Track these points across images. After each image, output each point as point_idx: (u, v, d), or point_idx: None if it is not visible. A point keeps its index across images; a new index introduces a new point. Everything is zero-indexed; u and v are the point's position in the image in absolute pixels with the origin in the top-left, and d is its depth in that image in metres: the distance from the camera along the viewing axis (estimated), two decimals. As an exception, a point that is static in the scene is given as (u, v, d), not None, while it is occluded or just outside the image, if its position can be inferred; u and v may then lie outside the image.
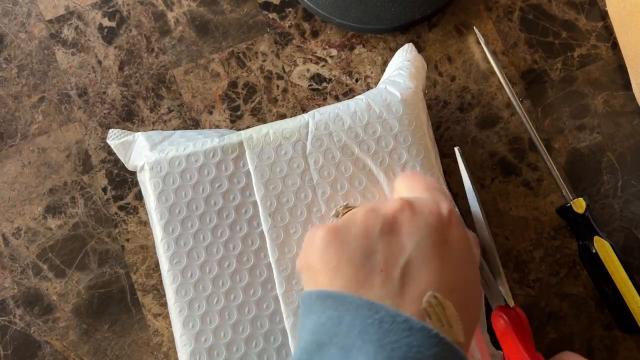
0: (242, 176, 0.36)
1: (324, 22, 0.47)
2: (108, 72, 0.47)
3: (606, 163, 0.44)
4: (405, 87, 0.37)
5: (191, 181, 0.35)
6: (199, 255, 0.35)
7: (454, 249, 0.27)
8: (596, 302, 0.43)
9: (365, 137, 0.36)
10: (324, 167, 0.36)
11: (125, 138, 0.38)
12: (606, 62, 0.46)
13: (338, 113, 0.36)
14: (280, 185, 0.35)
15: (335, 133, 0.36)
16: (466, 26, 0.46)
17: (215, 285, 0.35)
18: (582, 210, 0.42)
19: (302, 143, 0.36)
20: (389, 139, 0.36)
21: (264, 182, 0.35)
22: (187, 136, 0.38)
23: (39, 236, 0.45)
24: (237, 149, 0.36)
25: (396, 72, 0.38)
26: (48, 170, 0.46)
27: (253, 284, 0.35)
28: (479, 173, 0.45)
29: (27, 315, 0.44)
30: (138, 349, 0.44)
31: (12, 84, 0.47)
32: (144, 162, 0.36)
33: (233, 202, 0.35)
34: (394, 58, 0.41)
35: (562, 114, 0.45)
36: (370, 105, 0.36)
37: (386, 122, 0.36)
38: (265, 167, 0.36)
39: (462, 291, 0.26)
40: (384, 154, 0.35)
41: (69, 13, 0.48)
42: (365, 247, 0.27)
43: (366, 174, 0.36)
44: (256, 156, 0.36)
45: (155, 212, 0.35)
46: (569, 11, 0.46)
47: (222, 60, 0.47)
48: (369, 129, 0.36)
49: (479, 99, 0.45)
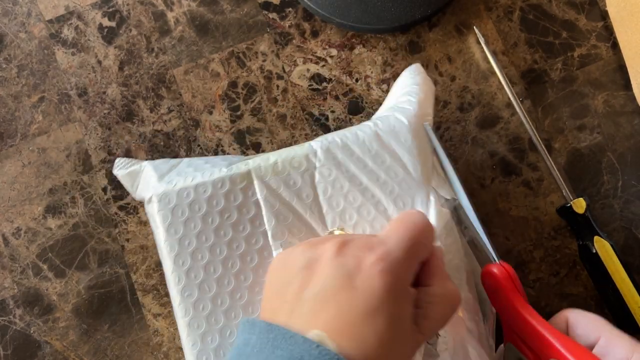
0: (251, 206, 0.35)
1: (324, 22, 0.47)
2: (108, 72, 0.47)
3: (606, 163, 0.44)
4: (413, 115, 0.36)
5: (200, 212, 0.35)
6: (210, 288, 0.34)
7: (359, 296, 0.27)
8: (596, 302, 0.43)
9: (374, 167, 0.35)
10: (332, 197, 0.35)
11: (132, 168, 0.37)
12: (606, 62, 0.46)
13: (346, 142, 0.35)
14: (290, 216, 0.35)
15: (343, 162, 0.35)
16: (466, 26, 0.46)
17: (228, 318, 0.34)
18: (582, 210, 0.42)
19: (311, 172, 0.35)
20: (398, 168, 0.35)
21: (274, 212, 0.35)
22: (194, 165, 0.37)
23: (39, 236, 0.45)
24: (245, 179, 0.35)
25: (404, 97, 0.38)
26: (48, 170, 0.46)
27: None
28: (479, 173, 0.45)
29: (27, 315, 0.44)
30: (138, 349, 0.44)
31: (12, 83, 0.47)
32: (152, 194, 0.35)
33: (243, 232, 0.35)
34: (401, 78, 0.40)
35: (562, 114, 0.45)
36: (379, 135, 0.35)
37: (394, 152, 0.35)
38: (275, 197, 0.35)
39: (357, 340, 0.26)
40: (393, 184, 0.35)
41: (69, 13, 0.48)
42: (285, 278, 0.29)
43: (375, 204, 0.35)
44: (265, 186, 0.35)
45: (165, 245, 0.35)
46: (569, 11, 0.46)
47: (222, 60, 0.47)
48: (377, 158, 0.35)
49: (479, 99, 0.45)
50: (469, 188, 0.44)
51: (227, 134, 0.46)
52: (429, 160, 0.36)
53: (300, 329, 0.26)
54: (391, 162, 0.35)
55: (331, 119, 0.46)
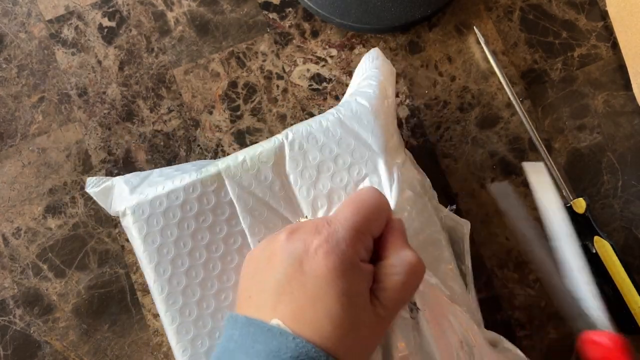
0: (225, 207, 0.35)
1: (324, 22, 0.47)
2: (108, 72, 0.47)
3: (606, 163, 0.44)
4: (374, 97, 0.36)
5: (175, 219, 0.35)
6: (194, 293, 0.34)
7: (308, 281, 0.28)
8: (596, 302, 0.43)
9: (339, 152, 0.35)
10: (303, 187, 0.35)
11: (105, 184, 0.37)
12: (606, 62, 0.46)
13: (310, 131, 0.36)
14: (265, 211, 0.35)
15: (310, 152, 0.35)
16: (466, 26, 0.46)
17: (215, 320, 0.34)
18: (582, 210, 0.42)
19: (280, 165, 0.35)
20: (363, 150, 0.35)
21: (249, 210, 0.35)
22: (165, 174, 0.37)
23: (39, 236, 0.45)
24: (216, 181, 0.35)
25: (365, 81, 0.38)
26: (48, 170, 0.46)
27: None
28: (479, 173, 0.45)
29: (27, 315, 0.44)
30: (138, 349, 0.44)
31: (12, 84, 0.47)
32: (125, 207, 0.35)
33: (220, 234, 0.35)
34: (361, 64, 0.40)
35: (562, 114, 0.45)
36: (342, 120, 0.36)
37: (359, 135, 0.35)
38: (247, 194, 0.35)
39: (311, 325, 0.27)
40: (360, 166, 0.35)
41: (69, 13, 0.48)
42: (252, 272, 0.31)
43: (344, 187, 0.35)
44: (236, 185, 0.35)
45: (144, 255, 0.35)
46: (569, 11, 0.46)
47: (222, 60, 0.47)
48: (342, 143, 0.35)
49: (479, 99, 0.45)
50: (469, 188, 0.44)
51: (227, 134, 0.46)
52: (392, 138, 0.36)
53: (266, 320, 0.27)
54: (356, 145, 0.35)
55: (331, 119, 0.46)
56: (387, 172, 0.35)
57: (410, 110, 0.45)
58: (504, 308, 0.43)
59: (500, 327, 0.43)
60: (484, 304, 0.43)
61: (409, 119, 0.45)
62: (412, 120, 0.45)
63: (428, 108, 0.45)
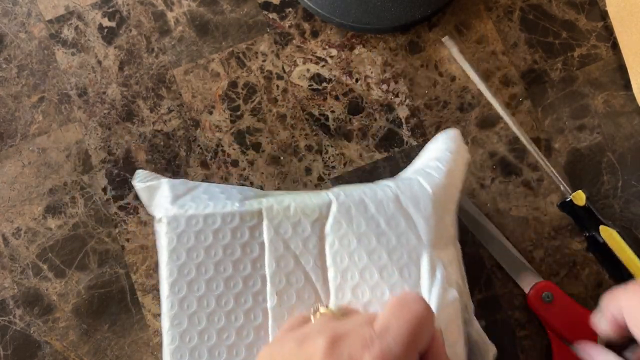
0: (255, 246, 0.34)
1: (324, 22, 0.47)
2: (108, 72, 0.47)
3: (606, 163, 0.44)
4: (439, 184, 0.34)
5: (205, 243, 0.34)
6: (200, 321, 0.34)
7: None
8: (596, 302, 0.43)
9: (386, 229, 0.33)
10: (338, 252, 0.34)
11: (151, 183, 0.37)
12: (606, 62, 0.46)
13: (363, 198, 0.34)
14: (292, 263, 0.34)
15: (356, 218, 0.34)
16: (466, 26, 0.46)
17: (212, 356, 0.33)
18: (582, 202, 0.42)
19: (321, 223, 0.34)
20: (411, 236, 0.33)
21: (277, 258, 0.34)
22: (210, 192, 0.36)
23: (39, 236, 0.45)
24: (255, 217, 0.34)
25: (434, 162, 0.36)
26: (48, 170, 0.46)
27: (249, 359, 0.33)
28: (479, 173, 0.45)
29: (27, 315, 0.44)
30: (138, 349, 0.44)
31: (12, 84, 0.47)
32: (163, 215, 0.35)
33: (242, 272, 0.34)
34: (436, 140, 0.38)
35: (562, 114, 0.45)
36: (398, 196, 0.34)
37: (411, 218, 0.33)
38: (280, 241, 0.34)
39: None
40: (402, 251, 0.33)
41: (69, 13, 0.48)
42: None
43: (380, 268, 0.33)
44: (273, 228, 0.34)
45: (166, 269, 0.34)
46: (569, 11, 0.46)
47: (222, 60, 0.47)
48: (392, 221, 0.33)
49: (478, 99, 0.45)
50: (469, 188, 0.44)
51: (227, 134, 0.46)
52: (446, 232, 0.34)
53: None
54: (405, 228, 0.33)
55: (331, 119, 0.46)
56: (429, 269, 0.33)
57: (410, 110, 0.45)
58: (504, 308, 0.43)
59: (500, 327, 0.43)
60: (484, 304, 0.43)
61: (409, 119, 0.45)
62: (412, 120, 0.45)
63: (428, 108, 0.45)
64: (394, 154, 0.45)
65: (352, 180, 0.45)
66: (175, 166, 0.45)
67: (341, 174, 0.45)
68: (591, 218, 0.42)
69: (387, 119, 0.45)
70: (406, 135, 0.45)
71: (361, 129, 0.45)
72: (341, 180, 0.45)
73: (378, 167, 0.45)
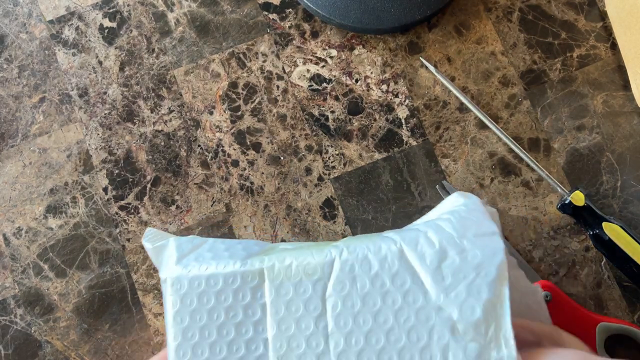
0: (257, 308, 0.34)
1: (323, 22, 0.47)
2: (109, 73, 0.47)
3: (605, 163, 0.45)
4: (447, 238, 0.32)
5: (208, 305, 0.34)
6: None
7: None
8: (596, 302, 0.43)
9: (391, 288, 0.32)
10: (341, 315, 0.32)
11: (159, 244, 0.37)
12: (605, 63, 0.46)
13: (367, 255, 0.33)
14: (293, 327, 0.33)
15: (359, 278, 0.32)
16: (466, 27, 0.46)
17: None
18: (581, 202, 0.42)
19: (323, 283, 0.33)
20: (418, 294, 0.31)
21: (278, 320, 0.33)
22: (214, 250, 0.36)
23: (40, 236, 0.45)
24: (257, 277, 0.34)
25: (446, 215, 0.34)
26: (49, 170, 0.46)
27: None
28: (478, 173, 0.45)
29: (28, 315, 0.44)
30: (139, 348, 0.44)
31: (13, 84, 0.47)
32: (167, 276, 0.35)
33: (245, 335, 0.33)
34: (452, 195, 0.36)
35: (562, 114, 0.45)
36: (403, 252, 0.32)
37: (417, 275, 0.32)
38: (282, 303, 0.33)
39: None
40: (409, 312, 0.31)
41: (70, 14, 0.48)
42: None
43: (386, 332, 0.31)
44: (274, 289, 0.33)
45: (171, 332, 0.34)
46: (568, 12, 0.46)
47: (223, 61, 0.47)
48: (397, 279, 0.32)
49: (478, 99, 0.45)
50: (469, 188, 0.44)
51: (228, 134, 0.46)
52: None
53: None
54: (411, 286, 0.32)
55: (331, 119, 0.46)
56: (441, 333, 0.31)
57: (410, 110, 0.46)
58: (504, 308, 0.43)
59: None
60: (483, 303, 0.43)
61: (409, 119, 0.46)
62: (411, 120, 0.45)
63: (428, 108, 0.46)
64: (394, 154, 0.45)
65: (352, 180, 0.45)
66: (176, 166, 0.46)
67: (341, 174, 0.45)
68: (592, 216, 0.42)
69: (387, 119, 0.46)
70: (406, 136, 0.45)
71: (361, 129, 0.46)
72: (341, 180, 0.45)
73: (378, 167, 0.45)
